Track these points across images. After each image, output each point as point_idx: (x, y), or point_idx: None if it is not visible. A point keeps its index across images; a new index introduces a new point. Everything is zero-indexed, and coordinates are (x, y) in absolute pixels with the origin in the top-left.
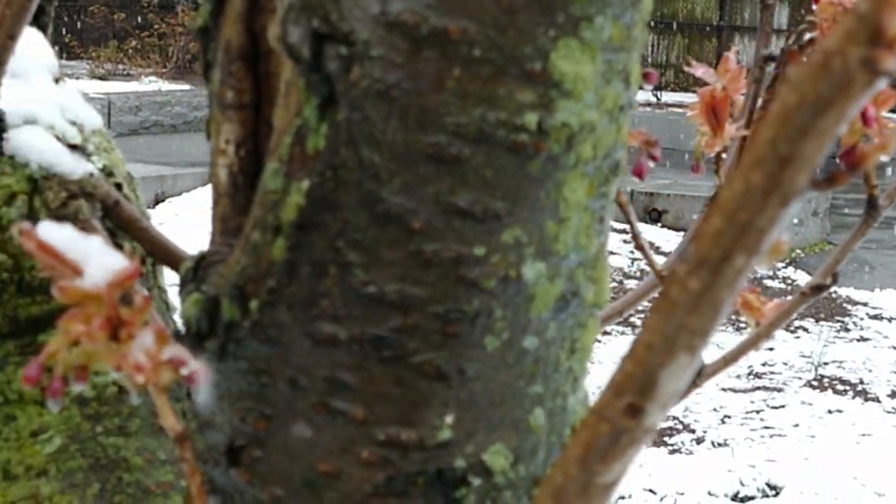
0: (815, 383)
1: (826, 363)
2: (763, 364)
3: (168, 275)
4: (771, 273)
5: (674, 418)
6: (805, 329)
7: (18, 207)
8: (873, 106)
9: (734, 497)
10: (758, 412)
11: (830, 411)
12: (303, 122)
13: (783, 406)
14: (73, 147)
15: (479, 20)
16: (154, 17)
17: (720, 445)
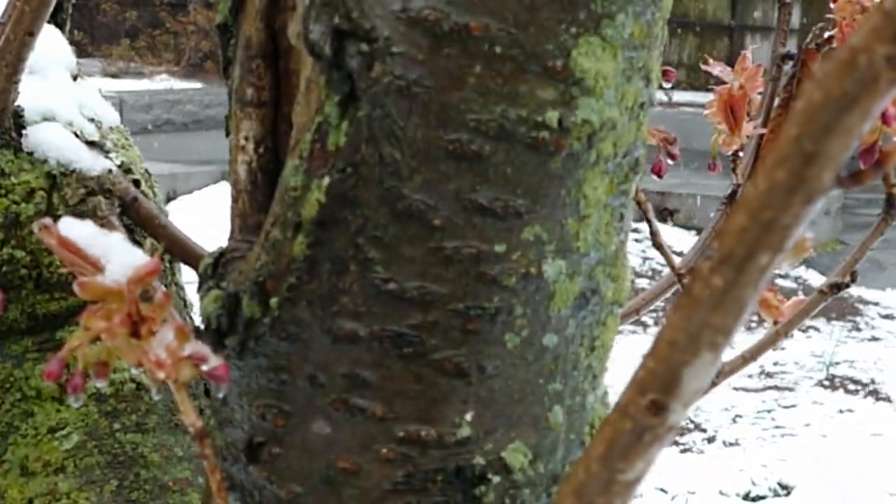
0: (827, 383)
1: (837, 363)
2: (774, 364)
3: (185, 272)
4: (783, 272)
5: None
6: (816, 329)
7: (37, 204)
8: (894, 105)
9: (745, 496)
10: (769, 412)
11: (842, 411)
12: (323, 119)
13: (794, 406)
14: (92, 144)
15: (501, 17)
16: (166, 16)
17: (731, 445)
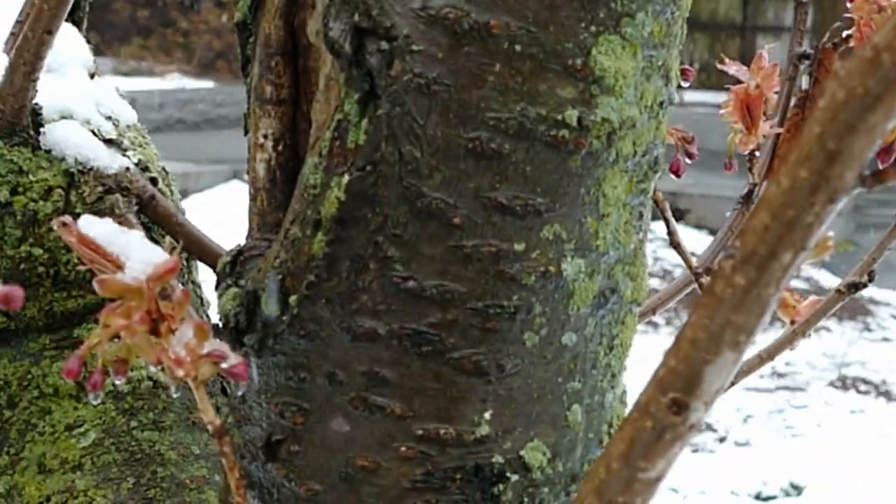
0: (838, 383)
1: (849, 363)
2: (786, 364)
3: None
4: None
5: None
6: (828, 329)
7: (55, 202)
8: None
9: (756, 496)
10: (780, 412)
11: (853, 411)
12: (343, 117)
13: (806, 406)
14: (109, 142)
15: (521, 15)
16: (178, 15)
17: (743, 445)
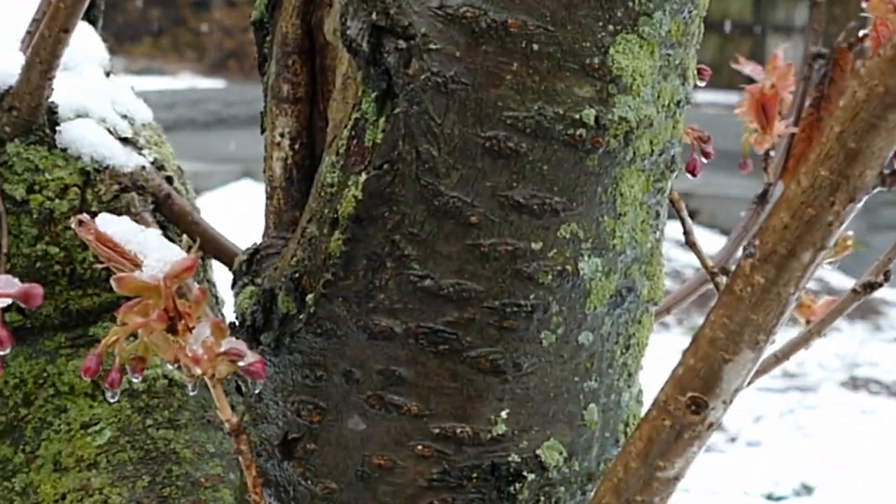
0: (849, 384)
1: (860, 364)
2: (797, 364)
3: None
4: None
5: None
6: (838, 329)
7: (71, 200)
8: None
9: (768, 497)
10: (791, 412)
11: (864, 412)
12: (360, 116)
13: (817, 406)
14: (125, 140)
15: (538, 14)
16: (189, 14)
17: (754, 445)
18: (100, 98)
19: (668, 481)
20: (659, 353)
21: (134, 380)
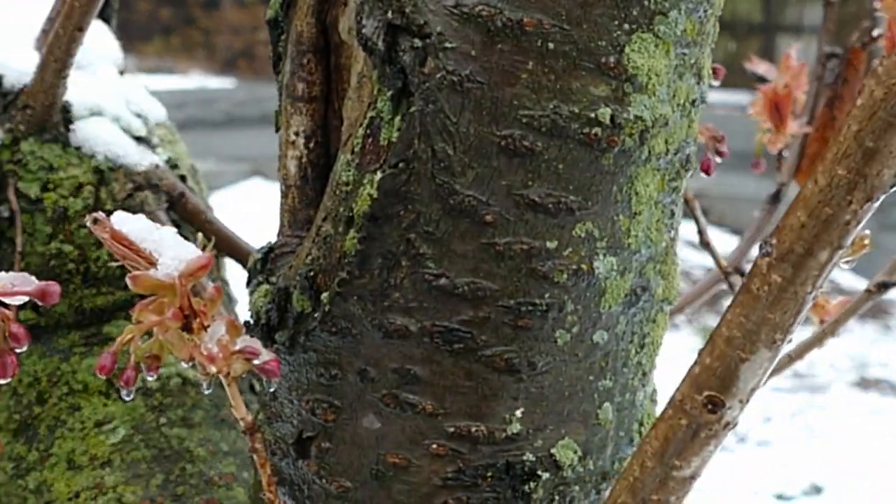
0: (859, 384)
1: (870, 364)
2: (807, 365)
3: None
4: None
5: None
6: (849, 330)
7: (85, 198)
8: None
9: (777, 497)
10: (801, 413)
11: (874, 412)
12: (376, 114)
13: (826, 407)
14: (139, 139)
15: (554, 13)
16: (199, 14)
17: (763, 445)
18: (114, 97)
19: (685, 480)
20: (669, 353)
21: (149, 378)
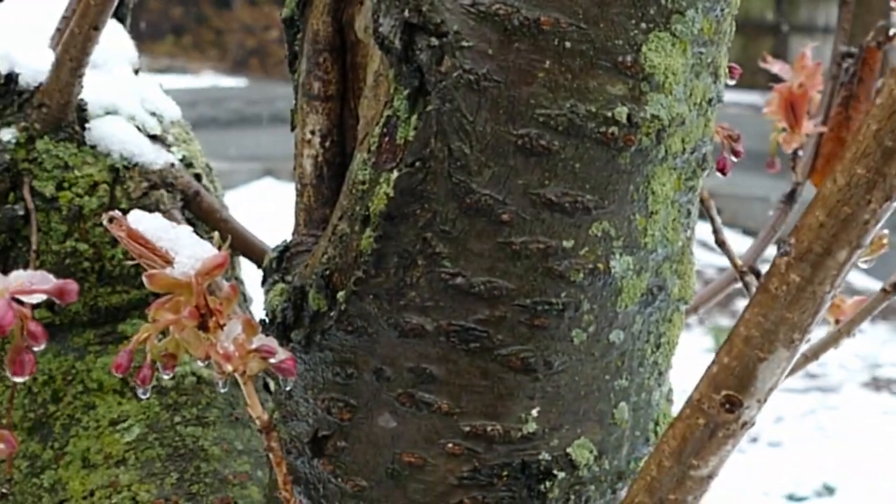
0: (871, 384)
1: (881, 364)
2: (818, 365)
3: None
4: None
5: None
6: (860, 330)
7: (100, 197)
8: None
9: (789, 497)
10: (812, 413)
11: (886, 412)
12: (392, 113)
13: (838, 407)
14: (154, 137)
15: (571, 12)
16: (211, 13)
17: (775, 445)
18: (129, 95)
19: (702, 480)
20: (681, 353)
21: (164, 377)
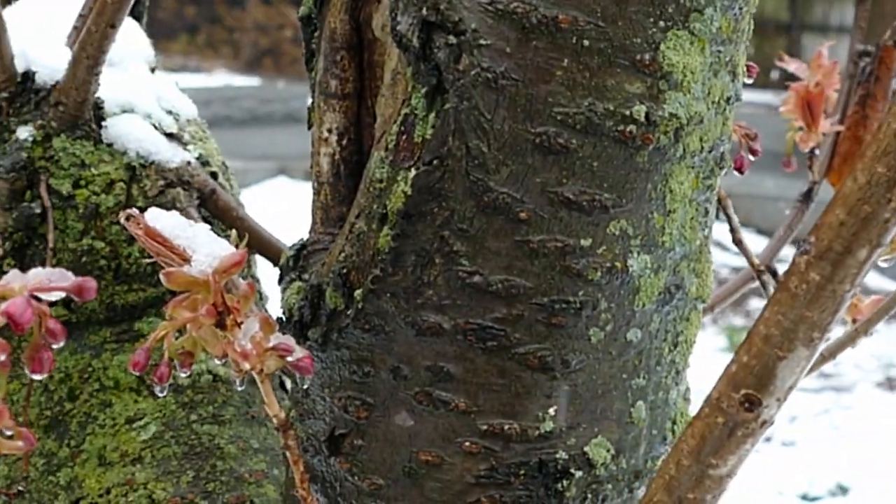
0: (885, 384)
1: (895, 364)
2: (832, 364)
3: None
4: None
5: None
6: (875, 329)
7: (116, 195)
8: None
9: (803, 497)
10: (826, 412)
11: None
12: (410, 111)
13: (852, 407)
14: (170, 136)
15: (589, 10)
16: (224, 12)
17: (788, 445)
18: (145, 94)
19: (721, 479)
20: (694, 352)
21: (182, 374)
